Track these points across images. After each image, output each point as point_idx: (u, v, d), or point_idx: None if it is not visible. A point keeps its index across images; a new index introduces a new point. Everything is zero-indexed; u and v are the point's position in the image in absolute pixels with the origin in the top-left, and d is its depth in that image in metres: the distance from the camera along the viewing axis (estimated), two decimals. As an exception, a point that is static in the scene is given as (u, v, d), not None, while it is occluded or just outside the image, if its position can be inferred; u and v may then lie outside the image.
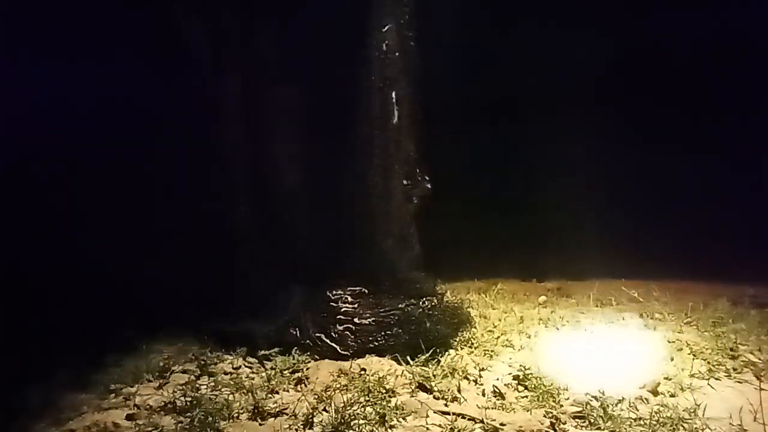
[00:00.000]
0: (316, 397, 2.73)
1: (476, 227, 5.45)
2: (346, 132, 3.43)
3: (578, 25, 6.04)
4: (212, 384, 2.95)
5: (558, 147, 6.20)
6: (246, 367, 3.19)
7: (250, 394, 2.75)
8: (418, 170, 3.56)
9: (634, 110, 6.30)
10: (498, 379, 2.95)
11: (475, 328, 3.62)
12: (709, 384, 2.88)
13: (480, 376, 2.97)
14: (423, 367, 3.01)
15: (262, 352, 3.25)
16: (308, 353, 3.20)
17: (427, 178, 3.58)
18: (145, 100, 3.63)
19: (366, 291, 3.38)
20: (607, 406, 2.55)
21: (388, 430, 2.45)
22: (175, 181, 3.79)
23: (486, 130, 5.99)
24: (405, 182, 3.50)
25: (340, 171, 3.47)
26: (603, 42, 6.07)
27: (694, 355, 3.15)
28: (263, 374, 3.02)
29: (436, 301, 3.48)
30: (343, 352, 3.18)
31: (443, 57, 3.88)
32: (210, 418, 2.50)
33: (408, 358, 3.09)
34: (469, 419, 2.50)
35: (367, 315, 3.29)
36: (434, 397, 2.76)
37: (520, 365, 2.99)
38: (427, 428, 2.46)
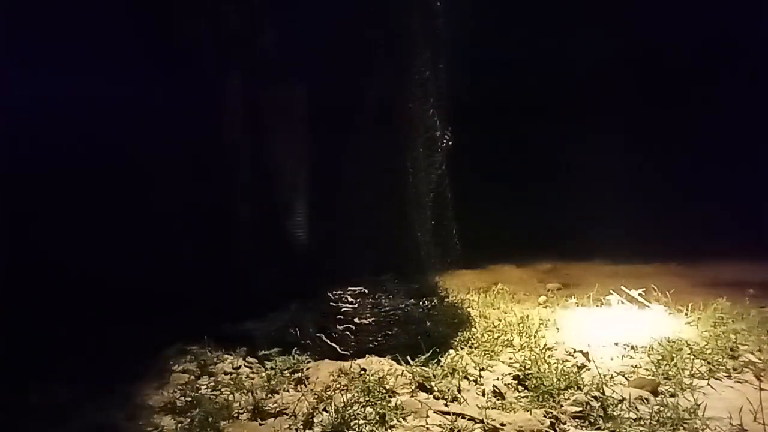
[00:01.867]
0: (316, 397, 2.73)
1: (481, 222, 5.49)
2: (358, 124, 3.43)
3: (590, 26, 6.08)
4: (212, 384, 2.95)
5: (562, 148, 6.24)
6: (246, 367, 3.19)
7: (250, 394, 2.75)
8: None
9: (642, 110, 6.34)
10: (498, 379, 2.95)
11: (475, 328, 3.62)
12: (709, 384, 2.88)
13: (480, 376, 2.97)
14: (423, 367, 3.00)
15: (262, 352, 3.25)
16: (308, 353, 3.19)
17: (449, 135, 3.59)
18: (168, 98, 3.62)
19: (366, 291, 3.38)
20: (608, 406, 2.55)
21: (388, 430, 2.45)
22: (177, 181, 3.80)
23: (491, 129, 6.04)
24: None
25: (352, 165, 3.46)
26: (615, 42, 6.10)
27: (694, 355, 3.15)
28: (263, 374, 3.02)
29: (436, 301, 3.48)
30: (343, 352, 3.17)
31: (461, 56, 3.89)
32: (210, 418, 2.50)
33: (408, 358, 3.09)
34: (469, 419, 2.50)
35: (367, 315, 3.29)
36: (434, 397, 2.76)
37: (520, 365, 2.99)
38: (427, 428, 2.46)
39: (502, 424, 2.44)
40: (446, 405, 2.66)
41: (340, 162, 3.51)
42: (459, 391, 2.79)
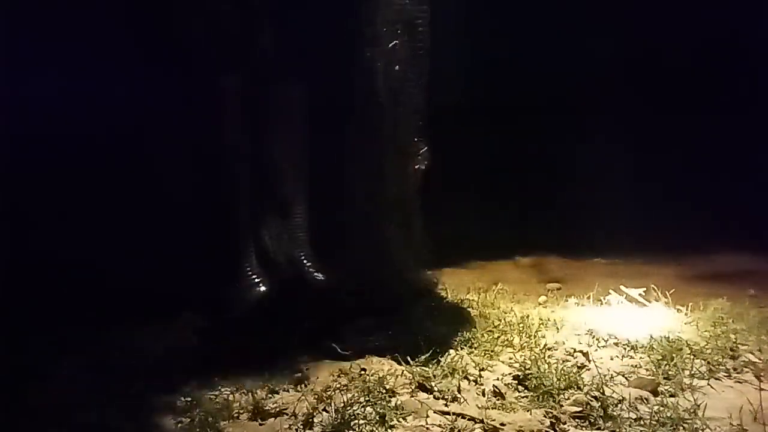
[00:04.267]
0: (316, 397, 2.73)
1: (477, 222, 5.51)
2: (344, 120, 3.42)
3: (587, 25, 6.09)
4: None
5: (562, 147, 6.25)
6: (246, 367, 3.19)
7: (250, 394, 2.75)
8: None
9: (642, 109, 6.34)
10: (498, 379, 2.95)
11: (475, 328, 3.61)
12: (709, 384, 2.88)
13: (480, 376, 2.97)
14: (423, 367, 3.00)
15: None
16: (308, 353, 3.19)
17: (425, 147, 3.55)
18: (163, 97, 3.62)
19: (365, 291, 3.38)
20: (608, 406, 2.55)
21: (388, 430, 2.45)
22: (177, 177, 3.79)
23: (491, 129, 6.05)
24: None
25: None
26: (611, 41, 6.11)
27: (694, 355, 3.15)
28: (263, 374, 3.02)
29: (436, 301, 3.48)
30: (343, 352, 3.18)
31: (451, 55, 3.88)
32: (210, 418, 2.50)
33: (408, 358, 3.09)
34: (469, 419, 2.50)
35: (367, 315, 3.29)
36: (434, 397, 2.76)
37: (520, 365, 2.99)
38: (427, 428, 2.46)
39: (502, 424, 2.44)
40: (446, 405, 2.66)
41: (336, 162, 3.51)
42: (459, 391, 2.79)
